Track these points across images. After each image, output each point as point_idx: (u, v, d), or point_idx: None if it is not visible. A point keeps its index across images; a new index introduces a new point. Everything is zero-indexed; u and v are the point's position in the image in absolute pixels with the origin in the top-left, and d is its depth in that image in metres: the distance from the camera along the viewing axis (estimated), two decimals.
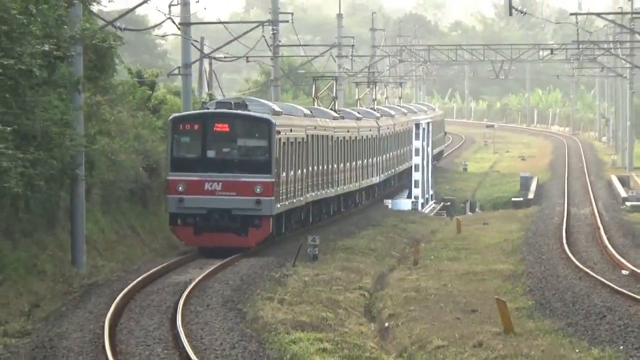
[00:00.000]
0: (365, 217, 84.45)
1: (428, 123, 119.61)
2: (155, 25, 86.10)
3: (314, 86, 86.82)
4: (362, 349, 36.65)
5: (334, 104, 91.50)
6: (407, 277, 57.63)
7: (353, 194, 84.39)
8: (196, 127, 37.44)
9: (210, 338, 35.49)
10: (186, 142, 38.88)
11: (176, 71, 73.96)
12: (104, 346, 31.31)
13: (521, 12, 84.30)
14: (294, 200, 63.94)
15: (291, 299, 45.25)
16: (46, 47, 44.57)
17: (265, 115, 40.87)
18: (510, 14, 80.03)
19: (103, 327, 35.07)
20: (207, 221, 36.33)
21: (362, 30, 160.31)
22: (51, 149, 46.86)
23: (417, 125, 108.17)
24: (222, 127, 36.81)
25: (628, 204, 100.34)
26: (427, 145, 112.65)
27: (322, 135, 72.87)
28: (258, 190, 34.66)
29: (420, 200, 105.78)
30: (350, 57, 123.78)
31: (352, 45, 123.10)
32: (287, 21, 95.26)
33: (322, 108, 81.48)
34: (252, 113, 46.39)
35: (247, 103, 56.57)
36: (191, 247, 50.38)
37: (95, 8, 61.81)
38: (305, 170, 66.19)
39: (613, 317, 42.76)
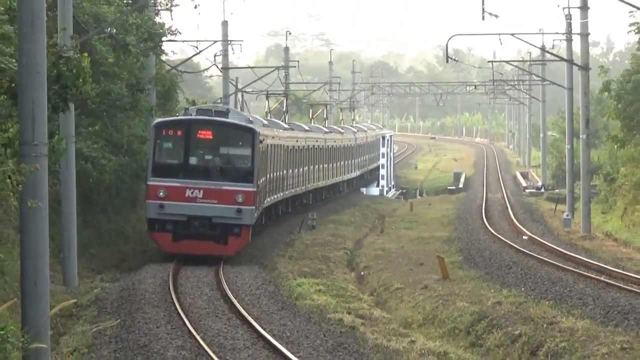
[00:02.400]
0: (347, 200, 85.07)
1: (391, 136, 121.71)
2: (205, 69, 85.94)
3: (310, 111, 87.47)
4: (345, 290, 37.60)
5: (325, 123, 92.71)
6: (376, 241, 57.91)
7: (339, 184, 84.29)
8: (179, 133, 30.99)
9: (242, 282, 36.03)
10: (168, 148, 32.05)
11: (219, 101, 73.44)
12: (169, 287, 32.39)
13: (454, 60, 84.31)
14: (297, 189, 61.41)
15: (297, 255, 45.89)
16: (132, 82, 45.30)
17: (249, 125, 34.19)
18: (447, 61, 79.97)
19: (169, 275, 35.85)
20: (187, 228, 30.39)
21: (346, 72, 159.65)
22: (134, 155, 47.95)
23: (384, 137, 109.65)
24: (205, 134, 30.69)
25: (527, 191, 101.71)
26: (391, 151, 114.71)
27: (315, 145, 69.29)
28: (239, 199, 29.05)
29: (385, 189, 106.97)
30: (338, 91, 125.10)
31: (339, 83, 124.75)
32: (294, 66, 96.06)
33: (317, 125, 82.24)
34: (236, 121, 37.18)
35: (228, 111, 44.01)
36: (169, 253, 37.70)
37: (163, 57, 62.15)
38: (305, 168, 63.56)
39: (517, 268, 43.67)
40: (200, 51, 65.93)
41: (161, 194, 26.84)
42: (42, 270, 17.32)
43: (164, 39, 55.48)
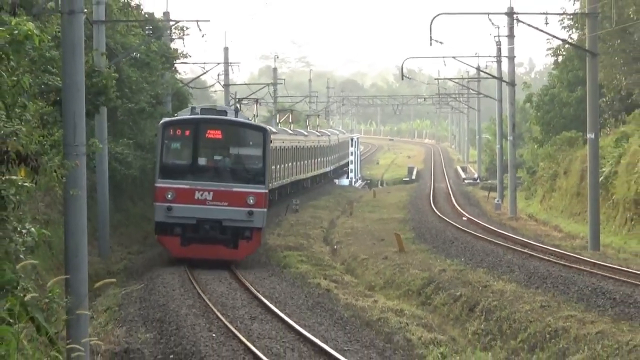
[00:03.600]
0: (323, 189, 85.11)
1: (357, 138, 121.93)
2: (210, 85, 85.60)
3: (290, 117, 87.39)
4: (322, 260, 37.93)
5: (307, 127, 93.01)
6: (346, 222, 57.84)
7: (317, 177, 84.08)
8: (187, 132, 25.82)
9: None
10: (176, 148, 26.89)
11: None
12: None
13: (408, 77, 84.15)
14: (283, 181, 58.78)
15: (284, 233, 45.67)
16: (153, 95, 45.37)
17: (260, 124, 29.59)
18: (402, 79, 79.77)
19: None
20: (196, 232, 25.54)
21: (322, 88, 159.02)
22: (154, 152, 47.71)
23: (352, 139, 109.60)
24: (214, 134, 25.59)
25: (465, 181, 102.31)
26: (357, 150, 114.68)
27: (298, 145, 66.76)
28: (251, 201, 24.70)
29: (353, 180, 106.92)
30: (316, 102, 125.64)
31: (316, 96, 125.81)
32: (281, 83, 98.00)
33: (299, 129, 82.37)
34: (247, 121, 31.08)
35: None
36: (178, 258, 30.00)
37: (178, 76, 62.71)
38: (290, 164, 61.02)
39: (458, 242, 43.55)
40: (207, 71, 66.84)
41: (169, 196, 23.32)
42: (81, 245, 17.75)
43: (177, 61, 56.22)
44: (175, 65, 56.25)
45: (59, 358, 13.42)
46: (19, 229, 13.60)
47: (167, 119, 24.95)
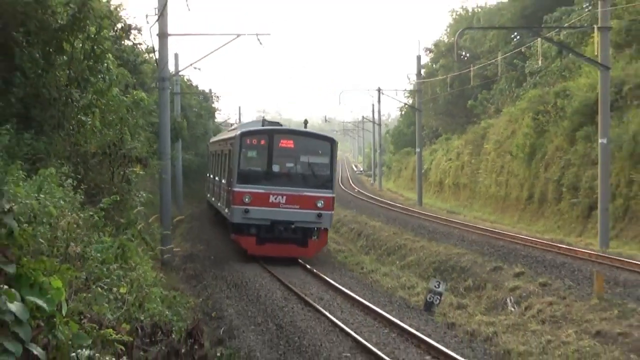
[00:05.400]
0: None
1: None
2: (232, 124, 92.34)
3: None
4: None
5: None
6: None
7: None
8: (262, 142, 21.44)
9: None
10: (252, 156, 22.10)
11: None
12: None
13: (326, 120, 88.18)
14: None
15: None
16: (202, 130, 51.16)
17: (328, 135, 25.28)
18: (326, 121, 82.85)
19: None
20: (270, 232, 20.94)
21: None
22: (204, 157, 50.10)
23: None
24: (287, 144, 21.56)
25: (357, 172, 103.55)
26: None
27: None
28: (320, 204, 20.75)
29: None
30: None
31: None
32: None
33: None
34: (316, 132, 26.53)
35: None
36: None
37: (216, 120, 67.65)
38: None
39: (353, 203, 43.01)
40: (229, 119, 73.62)
41: (246, 199, 19.31)
42: (167, 202, 21.65)
43: (216, 112, 62.02)
44: (215, 114, 61.87)
45: (157, 256, 16.70)
46: (137, 194, 15.18)
47: (244, 129, 20.80)
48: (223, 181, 23.65)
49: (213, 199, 29.05)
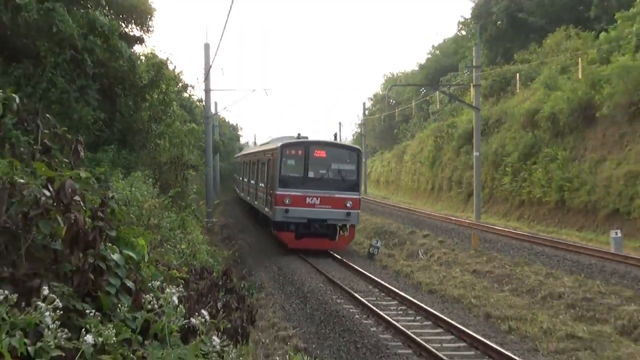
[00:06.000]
0: None
1: None
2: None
3: None
4: None
5: None
6: None
7: None
8: (300, 152, 21.71)
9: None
10: (292, 164, 22.24)
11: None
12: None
13: None
14: None
15: None
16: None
17: (355, 146, 24.85)
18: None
19: None
20: (307, 228, 20.96)
21: None
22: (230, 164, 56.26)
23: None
24: (320, 154, 21.68)
25: None
26: None
27: None
28: (348, 204, 20.72)
29: None
30: None
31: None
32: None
33: None
34: (344, 143, 27.02)
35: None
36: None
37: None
38: None
39: None
40: (247, 142, 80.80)
41: (287, 201, 19.52)
42: (210, 193, 27.70)
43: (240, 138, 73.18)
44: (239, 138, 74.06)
45: (203, 225, 20.84)
46: (191, 187, 20.33)
47: (285, 142, 21.08)
48: (261, 184, 24.15)
49: (242, 194, 33.50)
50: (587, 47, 31.40)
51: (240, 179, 35.38)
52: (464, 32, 55.80)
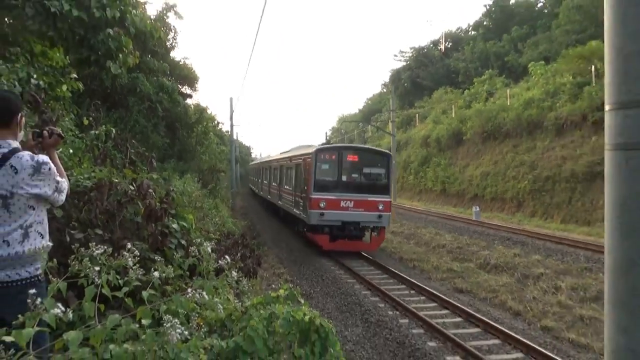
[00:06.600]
0: None
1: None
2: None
3: None
4: None
5: None
6: None
7: None
8: (333, 157, 18.32)
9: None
10: (325, 169, 18.47)
11: None
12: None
13: None
14: None
15: None
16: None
17: (385, 150, 20.49)
18: None
19: None
20: (341, 230, 17.74)
21: None
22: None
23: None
24: (353, 158, 18.39)
25: None
26: None
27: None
28: (380, 207, 17.70)
29: None
30: None
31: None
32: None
33: None
34: (375, 148, 21.95)
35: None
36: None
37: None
38: None
39: None
40: (256, 156, 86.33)
41: (322, 205, 17.46)
42: (233, 187, 34.53)
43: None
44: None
45: (229, 207, 25.48)
46: (221, 184, 25.09)
47: (318, 147, 18.83)
48: (287, 187, 22.00)
49: (259, 191, 34.25)
50: (457, 98, 44.77)
51: (258, 180, 35.80)
52: (385, 90, 75.65)
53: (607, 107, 2.06)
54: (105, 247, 2.91)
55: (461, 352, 8.57)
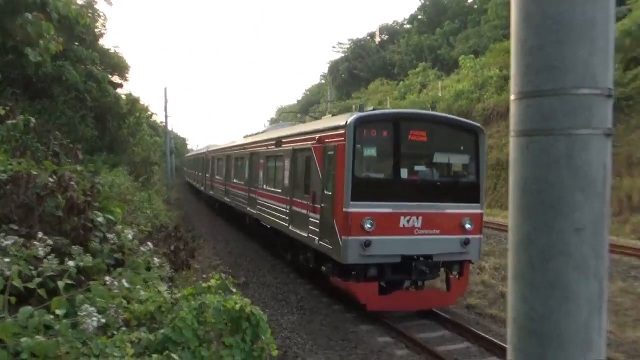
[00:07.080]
0: None
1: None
2: None
3: None
4: None
5: None
6: None
7: None
8: (384, 133, 9.08)
9: None
10: (371, 156, 9.36)
11: None
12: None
13: None
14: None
15: None
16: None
17: (474, 122, 9.96)
18: None
19: None
20: (399, 271, 9.27)
21: None
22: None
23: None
24: (418, 136, 9.37)
25: None
26: None
27: None
28: (467, 226, 9.50)
29: None
30: None
31: None
32: None
33: None
34: (457, 118, 10.51)
35: None
36: None
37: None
38: None
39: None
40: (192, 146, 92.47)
41: (367, 225, 8.94)
42: (168, 179, 39.29)
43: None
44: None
45: (164, 199, 26.40)
46: (155, 176, 28.03)
47: (357, 115, 9.54)
48: (277, 190, 13.79)
49: (199, 186, 31.82)
50: (393, 90, 46.04)
51: (200, 174, 30.86)
52: (323, 81, 77.18)
53: (512, 97, 2.24)
54: (16, 237, 2.81)
55: (392, 333, 8.92)
